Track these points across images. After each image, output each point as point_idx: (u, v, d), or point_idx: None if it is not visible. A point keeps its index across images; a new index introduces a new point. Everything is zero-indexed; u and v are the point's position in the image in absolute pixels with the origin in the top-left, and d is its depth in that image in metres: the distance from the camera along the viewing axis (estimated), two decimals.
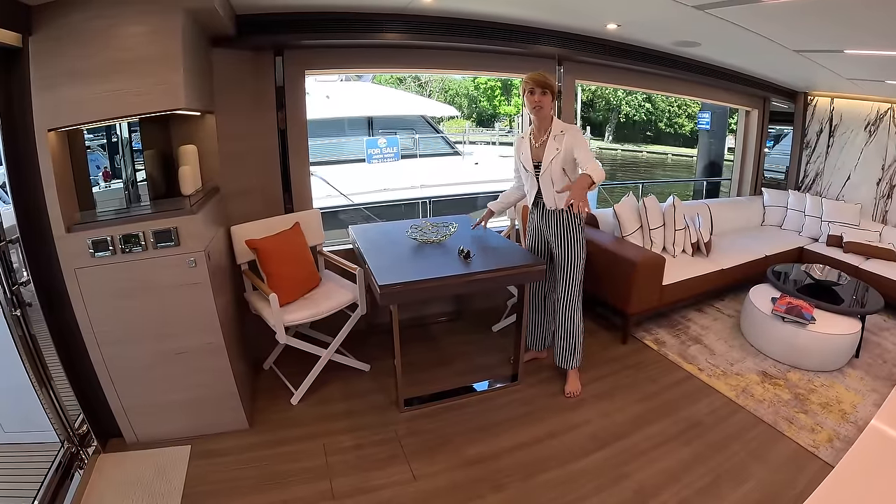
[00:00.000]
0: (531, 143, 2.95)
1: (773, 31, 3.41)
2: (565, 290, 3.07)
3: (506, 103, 19.20)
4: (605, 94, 19.96)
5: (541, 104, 2.80)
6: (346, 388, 3.20)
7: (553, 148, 2.84)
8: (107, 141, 2.53)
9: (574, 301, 3.08)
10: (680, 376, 3.39)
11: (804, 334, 3.41)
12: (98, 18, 2.14)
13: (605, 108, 20.71)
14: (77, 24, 2.13)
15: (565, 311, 3.10)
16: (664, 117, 20.03)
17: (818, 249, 4.82)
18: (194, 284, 2.48)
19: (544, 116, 2.86)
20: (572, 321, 3.11)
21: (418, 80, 17.86)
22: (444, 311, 4.19)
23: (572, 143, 2.78)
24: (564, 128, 2.86)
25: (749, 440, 2.77)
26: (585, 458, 2.64)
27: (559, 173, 2.86)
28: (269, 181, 3.37)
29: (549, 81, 2.79)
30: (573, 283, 3.04)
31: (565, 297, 3.08)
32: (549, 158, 2.85)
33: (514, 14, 3.41)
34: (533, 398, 3.14)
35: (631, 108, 19.91)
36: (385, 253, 3.05)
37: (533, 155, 2.94)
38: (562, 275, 3.06)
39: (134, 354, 2.53)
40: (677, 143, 19.69)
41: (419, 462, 2.60)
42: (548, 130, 2.88)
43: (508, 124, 18.91)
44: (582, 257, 3.03)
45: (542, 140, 2.89)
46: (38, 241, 2.30)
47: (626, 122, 20.18)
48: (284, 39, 3.10)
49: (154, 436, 2.70)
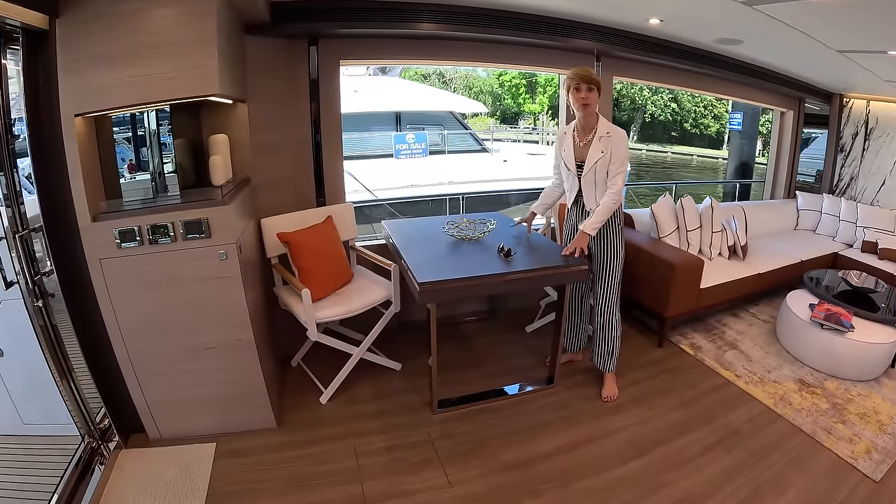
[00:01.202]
0: (574, 141, 2.74)
1: (819, 30, 3.18)
2: (604, 291, 2.87)
3: (530, 101, 18.85)
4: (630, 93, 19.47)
5: (587, 101, 2.58)
6: (377, 388, 3.00)
7: (598, 150, 2.64)
8: (132, 133, 2.33)
9: (613, 303, 2.89)
10: (717, 382, 3.16)
11: (842, 342, 3.18)
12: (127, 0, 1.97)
13: (631, 107, 20.17)
14: (106, 4, 1.96)
15: (603, 312, 2.90)
16: (690, 118, 19.41)
17: (852, 255, 4.52)
18: (224, 278, 2.30)
19: (590, 113, 2.65)
20: (610, 323, 2.91)
21: (443, 76, 17.60)
22: (476, 310, 3.95)
23: (617, 148, 2.62)
24: (611, 129, 2.66)
25: (788, 450, 2.58)
26: (624, 466, 2.45)
27: (603, 177, 2.68)
28: (302, 173, 3.16)
29: (595, 77, 2.59)
30: (612, 284, 2.85)
31: (604, 298, 2.88)
32: (593, 160, 2.65)
33: (555, 6, 3.18)
34: (569, 402, 2.92)
35: (656, 108, 19.31)
36: (422, 249, 2.83)
37: (576, 154, 2.73)
38: (601, 276, 2.86)
39: (159, 348, 2.37)
40: (703, 143, 19.04)
41: (454, 466, 2.41)
42: (593, 129, 2.67)
43: (532, 122, 18.59)
44: (622, 259, 2.84)
45: (587, 139, 2.68)
46: (63, 230, 2.14)
47: (652, 121, 19.58)
48: (319, 28, 2.90)
49: (178, 432, 2.54)
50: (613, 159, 2.62)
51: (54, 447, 2.41)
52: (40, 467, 2.32)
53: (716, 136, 17.56)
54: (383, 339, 3.10)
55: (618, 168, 2.63)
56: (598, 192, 2.72)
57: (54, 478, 2.17)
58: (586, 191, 2.75)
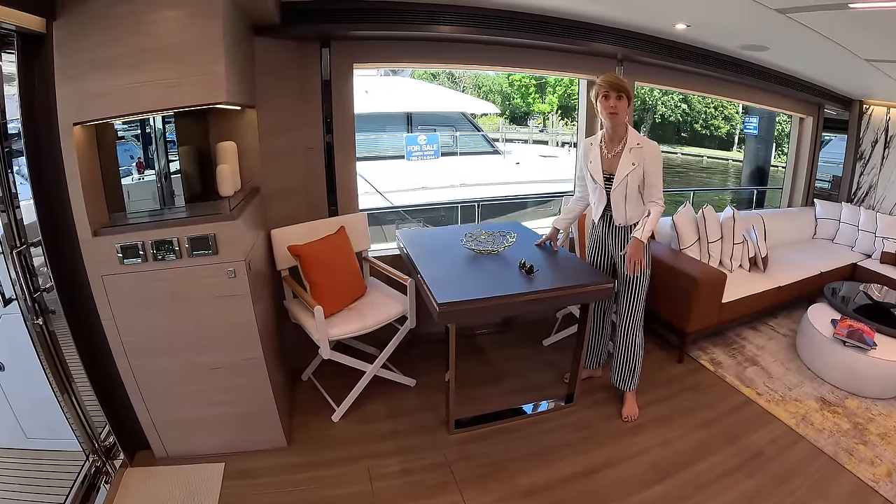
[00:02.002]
0: (602, 153, 2.55)
1: (849, 38, 3.00)
2: (628, 309, 2.69)
3: (539, 101, 18.57)
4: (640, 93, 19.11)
5: (616, 109, 2.40)
6: (391, 405, 2.82)
7: (629, 162, 2.45)
8: (141, 131, 2.17)
9: (636, 321, 2.71)
10: (739, 401, 2.98)
11: (864, 360, 3.00)
12: (129, 2, 1.80)
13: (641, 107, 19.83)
14: (105, 7, 1.79)
15: (626, 331, 2.72)
16: (700, 119, 19.02)
17: (871, 266, 4.31)
18: (233, 296, 2.12)
19: (619, 123, 2.46)
20: (633, 342, 2.73)
21: (452, 75, 17.30)
22: (491, 323, 3.74)
23: (650, 163, 2.44)
24: (642, 141, 2.47)
25: (811, 473, 2.43)
26: (646, 491, 2.29)
27: (635, 192, 2.50)
28: (313, 181, 2.97)
29: (624, 85, 2.40)
30: (637, 302, 2.67)
31: (628, 316, 2.70)
32: (623, 173, 2.46)
33: (578, 8, 2.97)
34: (588, 422, 2.75)
35: (667, 109, 18.92)
36: (438, 263, 2.64)
37: (604, 166, 2.54)
38: (626, 294, 2.67)
39: (165, 367, 2.20)
40: (713, 145, 18.69)
41: (471, 491, 2.26)
42: (623, 140, 2.48)
43: (542, 122, 18.34)
44: (648, 276, 2.64)
45: (616, 151, 2.50)
46: (62, 244, 1.99)
47: (662, 122, 19.22)
48: (332, 29, 2.69)
49: (185, 451, 2.38)
50: (650, 178, 2.45)
51: (59, 462, 2.29)
52: (45, 484, 2.20)
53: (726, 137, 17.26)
54: (397, 353, 2.90)
55: (657, 180, 2.47)
56: (629, 206, 2.53)
57: (59, 496, 2.07)
58: (616, 205, 2.56)
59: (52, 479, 2.22)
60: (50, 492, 2.12)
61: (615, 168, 2.49)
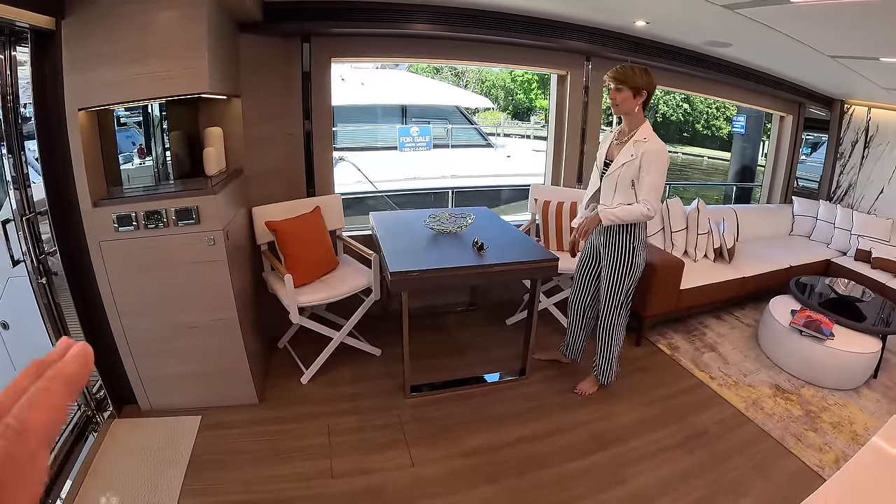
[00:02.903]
0: (612, 140, 2.67)
1: (805, 35, 3.21)
2: (606, 305, 2.81)
3: (542, 97, 18.73)
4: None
5: (615, 100, 2.49)
6: (356, 372, 3.18)
7: (628, 152, 2.51)
8: (143, 119, 2.56)
9: (613, 319, 2.82)
10: (691, 384, 3.24)
11: (821, 350, 3.23)
12: (128, 3, 2.14)
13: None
14: (107, 8, 2.13)
15: (603, 325, 2.87)
16: (702, 119, 19.08)
17: (845, 263, 4.56)
18: (212, 262, 2.48)
19: (625, 113, 2.53)
20: (610, 337, 2.87)
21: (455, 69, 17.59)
22: (459, 302, 4.12)
23: (647, 161, 2.47)
24: (649, 137, 2.51)
25: (753, 454, 2.65)
26: (584, 459, 2.56)
27: (627, 184, 2.54)
28: (293, 165, 3.34)
29: (624, 76, 2.45)
30: (615, 300, 2.77)
31: (606, 312, 2.83)
32: (620, 161, 2.53)
33: (544, 7, 3.29)
34: (539, 394, 3.06)
35: (668, 108, 19.07)
36: (401, 240, 3.00)
37: (609, 152, 2.65)
38: (605, 287, 2.78)
39: (151, 326, 2.55)
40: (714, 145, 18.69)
41: (419, 448, 2.57)
42: (634, 131, 2.56)
43: (544, 118, 18.56)
44: (632, 278, 2.72)
45: (624, 140, 2.58)
46: (66, 214, 2.33)
47: (663, 121, 19.33)
48: (312, 27, 3.04)
49: (167, 405, 2.73)
50: (643, 174, 2.48)
51: None
52: None
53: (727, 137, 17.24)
54: (367, 326, 3.30)
55: (651, 180, 2.47)
56: (617, 197, 2.57)
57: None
58: (604, 192, 2.64)
59: None
60: None
61: (615, 155, 2.59)
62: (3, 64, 2.08)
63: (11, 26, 1.99)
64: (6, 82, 2.10)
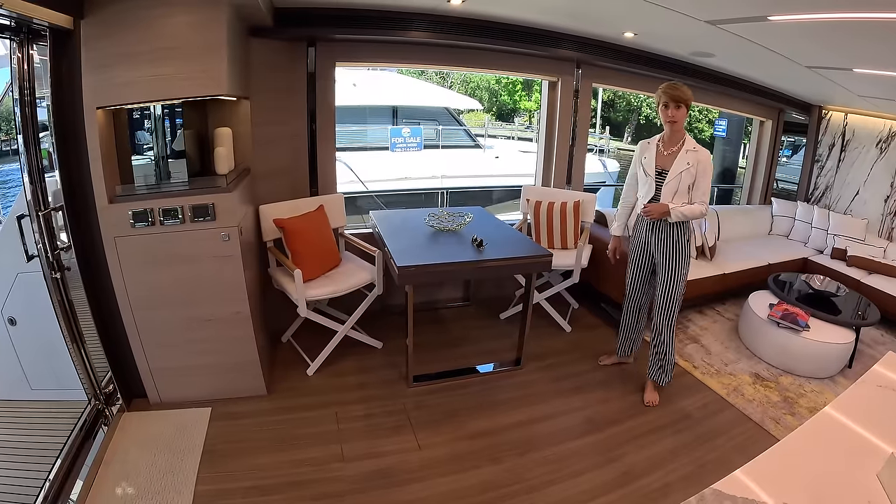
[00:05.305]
0: (658, 150, 2.94)
1: (783, 48, 3.53)
2: (661, 308, 3.06)
3: (526, 99, 19.11)
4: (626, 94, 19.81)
5: (674, 118, 2.81)
6: (360, 363, 3.41)
7: (684, 161, 2.83)
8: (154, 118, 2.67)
9: (670, 317, 3.07)
10: (675, 372, 3.44)
11: (798, 340, 3.54)
12: (147, 7, 2.31)
13: (626, 108, 20.52)
14: (128, 10, 2.28)
15: (658, 325, 3.10)
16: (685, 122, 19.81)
17: (822, 261, 4.93)
18: (226, 257, 2.67)
19: (677, 129, 2.87)
20: (663, 338, 3.11)
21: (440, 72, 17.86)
22: (455, 297, 4.39)
23: (703, 168, 2.82)
24: (698, 147, 2.86)
25: (735, 435, 2.93)
26: (579, 440, 2.83)
27: (685, 191, 2.86)
28: (297, 165, 3.56)
29: (683, 95, 2.78)
30: (669, 298, 3.03)
31: (660, 314, 3.07)
32: (678, 170, 2.84)
33: (538, 19, 3.57)
34: (534, 382, 3.33)
35: (652, 111, 19.70)
36: (403, 238, 3.25)
37: (658, 162, 2.92)
38: (663, 281, 3.02)
39: (164, 319, 2.72)
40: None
41: (424, 433, 2.80)
42: (680, 142, 2.88)
43: (528, 119, 18.92)
44: (686, 266, 3.00)
45: (672, 150, 2.88)
46: (81, 210, 2.48)
47: (646, 123, 19.94)
48: (318, 32, 3.26)
49: (177, 397, 2.89)
50: (700, 181, 2.82)
51: (61, 411, 2.74)
52: (48, 429, 2.65)
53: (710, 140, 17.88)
54: (367, 321, 3.53)
55: (705, 186, 2.83)
56: (675, 201, 2.87)
57: (61, 439, 2.45)
58: (664, 198, 2.89)
59: (56, 423, 2.66)
60: (54, 434, 2.52)
61: (669, 165, 2.86)
62: (22, 61, 2.19)
63: (30, 24, 2.08)
64: (24, 78, 2.21)
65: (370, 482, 2.45)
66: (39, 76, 2.29)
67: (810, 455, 1.37)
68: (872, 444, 1.41)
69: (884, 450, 1.36)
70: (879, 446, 1.39)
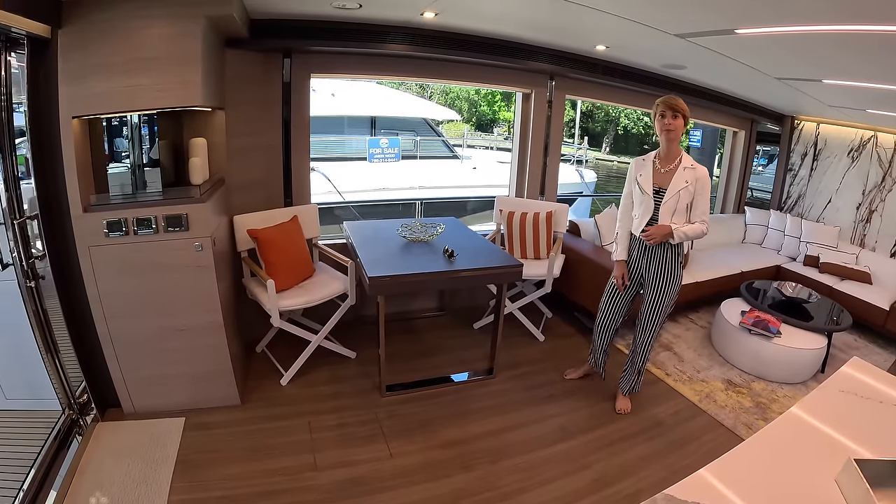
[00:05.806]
0: (654, 167, 2.89)
1: (752, 60, 3.65)
2: (648, 320, 3.05)
3: (506, 109, 19.37)
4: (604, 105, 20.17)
5: (671, 127, 2.75)
6: (333, 373, 3.45)
7: (682, 179, 2.78)
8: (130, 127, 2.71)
9: (652, 333, 3.08)
10: (647, 379, 3.55)
11: (769, 347, 3.64)
12: (125, 19, 2.36)
13: (604, 119, 20.88)
14: (105, 21, 2.33)
15: (639, 339, 3.12)
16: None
17: (795, 268, 5.08)
18: (199, 267, 2.72)
19: (673, 141, 2.82)
20: (646, 351, 3.13)
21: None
22: (429, 307, 4.46)
23: (701, 186, 2.77)
24: (695, 164, 2.82)
25: (706, 441, 3.01)
26: (551, 447, 2.89)
27: (683, 209, 2.81)
28: (272, 176, 3.61)
29: (680, 106, 2.74)
30: (659, 317, 3.02)
31: (645, 326, 3.07)
32: (676, 188, 2.78)
33: (511, 32, 3.66)
34: (507, 391, 3.40)
35: (629, 122, 20.05)
36: (376, 248, 3.31)
37: (655, 180, 2.87)
38: (649, 303, 3.01)
39: (138, 328, 2.74)
40: None
41: (397, 442, 2.85)
42: (677, 159, 2.83)
43: (507, 130, 19.15)
44: (675, 291, 2.97)
45: (670, 168, 2.83)
46: (56, 218, 2.50)
47: (624, 134, 20.32)
48: (293, 44, 3.32)
49: (151, 407, 2.91)
50: (699, 201, 2.78)
51: (35, 421, 2.71)
52: (21, 439, 2.62)
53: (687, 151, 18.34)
54: (341, 331, 3.59)
55: (704, 205, 2.79)
56: (675, 220, 2.82)
57: (35, 449, 2.44)
58: (663, 218, 2.83)
59: (30, 433, 2.62)
60: (28, 444, 2.48)
61: (667, 183, 2.80)
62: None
63: (8, 32, 2.09)
64: (1, 84, 2.19)
65: (343, 491, 2.50)
66: (17, 82, 2.30)
67: (773, 457, 1.45)
68: (836, 445, 1.49)
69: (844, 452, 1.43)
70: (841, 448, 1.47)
